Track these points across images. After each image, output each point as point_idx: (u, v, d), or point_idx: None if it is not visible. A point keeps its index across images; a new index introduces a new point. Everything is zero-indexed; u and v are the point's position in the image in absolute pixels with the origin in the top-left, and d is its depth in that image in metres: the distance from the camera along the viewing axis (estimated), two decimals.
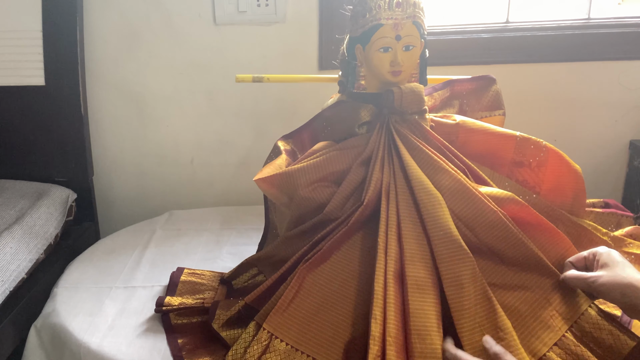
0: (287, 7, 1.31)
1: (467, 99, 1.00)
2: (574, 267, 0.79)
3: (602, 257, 0.75)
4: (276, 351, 0.76)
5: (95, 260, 1.13)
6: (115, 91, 1.39)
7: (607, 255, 0.75)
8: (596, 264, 0.75)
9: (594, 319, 0.74)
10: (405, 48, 0.85)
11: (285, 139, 0.98)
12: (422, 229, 0.79)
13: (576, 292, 0.77)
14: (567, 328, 0.75)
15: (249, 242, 1.15)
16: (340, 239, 0.81)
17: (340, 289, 0.80)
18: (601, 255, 0.76)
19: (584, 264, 0.78)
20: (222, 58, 1.35)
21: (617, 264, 0.73)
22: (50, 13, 1.24)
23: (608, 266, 0.73)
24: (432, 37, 1.30)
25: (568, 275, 0.76)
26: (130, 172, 1.46)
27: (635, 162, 1.39)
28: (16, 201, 1.18)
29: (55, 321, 0.94)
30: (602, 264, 0.74)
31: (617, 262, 0.73)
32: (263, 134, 1.41)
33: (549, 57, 1.34)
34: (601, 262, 0.75)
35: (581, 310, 0.76)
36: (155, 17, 1.33)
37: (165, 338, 0.88)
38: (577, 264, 0.79)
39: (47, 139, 1.29)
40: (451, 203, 0.80)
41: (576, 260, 0.79)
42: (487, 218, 0.79)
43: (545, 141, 0.89)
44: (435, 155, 0.85)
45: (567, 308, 0.76)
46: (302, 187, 0.85)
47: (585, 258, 0.78)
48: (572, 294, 0.77)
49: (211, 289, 0.97)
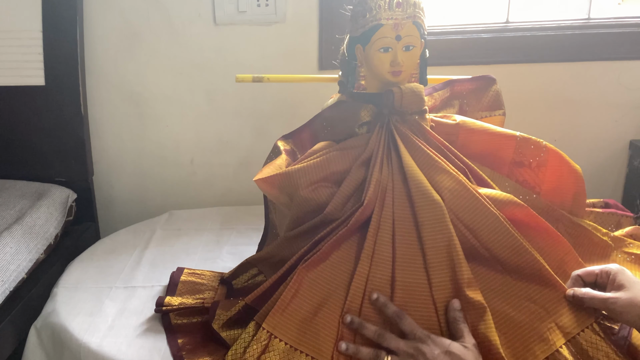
0: (287, 7, 1.31)
1: (467, 99, 1.00)
2: (582, 281, 0.77)
3: (618, 277, 0.74)
4: (275, 351, 0.76)
5: (95, 260, 1.13)
6: (115, 91, 1.39)
7: (622, 275, 0.74)
8: (611, 283, 0.74)
9: (594, 339, 0.73)
10: (406, 48, 0.85)
11: (285, 139, 0.98)
12: (415, 233, 0.79)
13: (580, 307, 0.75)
14: (563, 343, 0.73)
15: (249, 242, 1.15)
16: (340, 239, 0.81)
17: (340, 288, 0.80)
18: (616, 274, 0.74)
19: (594, 279, 0.76)
20: (222, 58, 1.35)
21: (634, 285, 0.72)
22: (50, 13, 1.24)
23: (625, 287, 0.72)
24: (432, 37, 1.30)
25: (586, 295, 0.74)
26: (130, 172, 1.46)
27: (635, 162, 1.39)
28: (16, 201, 1.18)
29: (55, 321, 0.94)
30: (618, 284, 0.73)
31: (634, 283, 0.72)
32: (263, 134, 1.41)
33: (549, 57, 1.34)
34: (617, 282, 0.73)
35: (582, 326, 0.74)
36: (155, 17, 1.33)
37: (165, 338, 0.88)
38: (587, 279, 0.77)
39: (47, 138, 1.29)
40: (452, 205, 0.80)
41: (586, 275, 0.77)
42: (488, 221, 0.79)
43: (545, 141, 0.89)
44: (436, 155, 0.85)
45: (567, 322, 0.75)
46: (302, 188, 0.85)
47: (596, 275, 0.76)
48: (575, 308, 0.75)
49: (211, 289, 0.97)
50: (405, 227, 0.80)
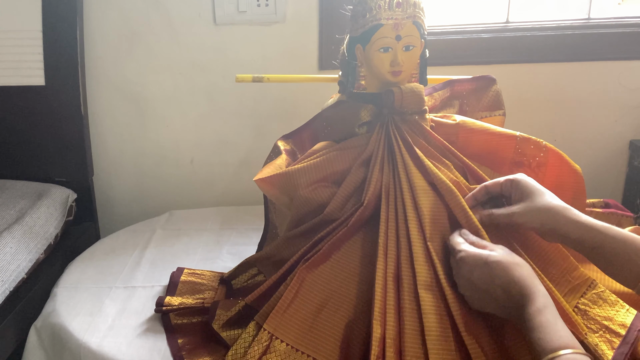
0: (287, 7, 1.31)
1: (467, 99, 1.00)
2: (487, 191, 0.79)
3: (520, 185, 0.75)
4: (277, 352, 0.76)
5: (95, 260, 1.13)
6: (115, 91, 1.39)
7: (525, 183, 0.75)
8: (514, 192, 0.75)
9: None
10: (406, 48, 0.85)
11: (285, 138, 0.98)
12: (421, 230, 0.79)
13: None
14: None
15: (249, 242, 1.15)
16: (340, 239, 0.81)
17: (340, 289, 0.80)
18: (518, 182, 0.75)
19: (499, 189, 0.78)
20: (222, 58, 1.35)
21: (536, 192, 0.73)
22: (50, 13, 1.24)
23: (526, 195, 0.73)
24: (432, 37, 1.30)
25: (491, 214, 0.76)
26: (130, 172, 1.46)
27: (635, 162, 1.39)
28: (16, 201, 1.18)
29: (55, 321, 0.94)
30: (521, 193, 0.74)
31: (536, 190, 0.73)
32: (263, 134, 1.41)
33: (549, 57, 1.34)
34: (520, 190, 0.75)
35: None
36: (155, 17, 1.33)
37: (165, 338, 0.88)
38: (492, 189, 0.79)
39: (47, 139, 1.29)
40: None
41: (491, 185, 0.79)
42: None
43: (545, 141, 0.89)
44: (436, 156, 0.85)
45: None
46: (302, 188, 0.85)
47: (501, 185, 0.78)
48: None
49: (211, 289, 0.97)
50: (414, 224, 0.80)
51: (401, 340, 0.72)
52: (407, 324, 0.73)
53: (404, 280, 0.76)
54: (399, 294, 0.76)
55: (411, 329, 0.73)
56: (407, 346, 0.71)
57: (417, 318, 0.73)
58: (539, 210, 0.72)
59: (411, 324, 0.73)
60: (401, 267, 0.77)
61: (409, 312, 0.73)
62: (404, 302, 0.74)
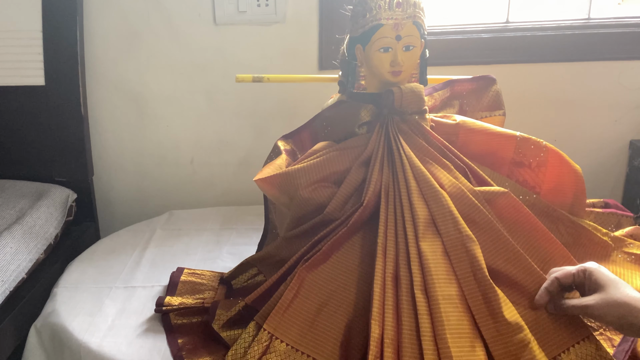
0: (287, 7, 1.31)
1: (467, 99, 1.00)
2: (559, 283, 0.74)
3: (594, 276, 0.70)
4: (277, 352, 0.76)
5: (95, 260, 1.13)
6: (115, 91, 1.39)
7: (598, 273, 0.70)
8: (588, 283, 0.71)
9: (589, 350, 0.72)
10: (406, 48, 0.86)
11: (285, 138, 0.98)
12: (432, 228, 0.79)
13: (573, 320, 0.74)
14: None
15: (249, 242, 1.15)
16: (340, 239, 0.81)
17: (340, 289, 0.80)
18: (591, 273, 0.71)
19: (571, 280, 0.74)
20: (222, 58, 1.35)
21: (611, 284, 0.69)
22: (50, 13, 1.24)
23: (601, 287, 0.69)
24: (432, 37, 1.30)
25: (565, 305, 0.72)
26: (130, 172, 1.46)
27: (635, 162, 1.39)
28: (16, 201, 1.18)
29: (55, 321, 0.94)
30: (595, 283, 0.70)
31: (610, 282, 0.69)
32: (263, 134, 1.41)
33: (549, 57, 1.34)
34: (593, 281, 0.70)
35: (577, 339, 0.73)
36: (155, 17, 1.33)
37: (165, 338, 0.88)
38: (564, 281, 0.74)
39: (47, 139, 1.29)
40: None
41: (563, 277, 0.74)
42: (484, 228, 0.79)
43: (545, 141, 0.89)
44: (436, 156, 0.85)
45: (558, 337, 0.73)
46: (302, 188, 0.85)
47: (573, 275, 0.73)
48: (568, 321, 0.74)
49: (211, 289, 0.97)
50: (411, 225, 0.80)
51: (399, 340, 0.72)
52: (405, 324, 0.73)
53: (402, 280, 0.76)
54: (398, 294, 0.76)
55: (409, 329, 0.73)
56: (405, 346, 0.71)
57: (414, 318, 0.73)
58: (616, 304, 0.67)
59: (409, 324, 0.73)
60: (399, 267, 0.77)
61: (406, 312, 0.74)
62: (402, 302, 0.74)
